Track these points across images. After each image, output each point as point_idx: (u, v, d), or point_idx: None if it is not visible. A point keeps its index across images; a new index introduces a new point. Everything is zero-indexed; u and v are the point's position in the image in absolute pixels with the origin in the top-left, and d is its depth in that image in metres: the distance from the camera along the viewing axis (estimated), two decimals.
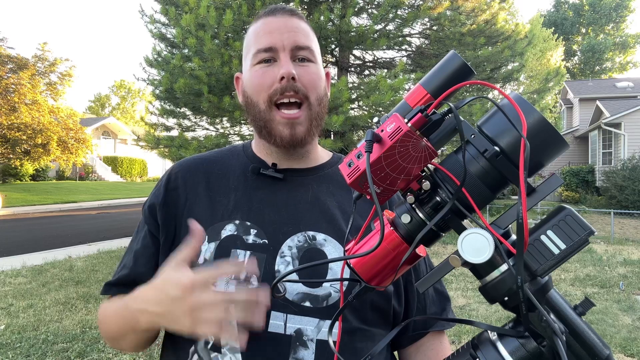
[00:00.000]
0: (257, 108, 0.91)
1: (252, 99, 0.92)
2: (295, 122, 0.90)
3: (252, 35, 0.93)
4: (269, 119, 0.90)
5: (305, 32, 0.93)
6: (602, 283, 6.65)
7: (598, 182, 18.78)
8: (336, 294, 0.85)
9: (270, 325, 0.81)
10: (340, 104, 7.62)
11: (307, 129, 0.91)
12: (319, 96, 0.93)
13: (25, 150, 20.82)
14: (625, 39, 43.01)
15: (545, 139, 0.56)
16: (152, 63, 9.76)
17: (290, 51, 0.89)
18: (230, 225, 0.89)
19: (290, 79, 0.87)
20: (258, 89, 0.90)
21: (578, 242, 0.55)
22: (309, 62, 0.92)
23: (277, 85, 0.88)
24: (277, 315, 0.82)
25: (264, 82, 0.89)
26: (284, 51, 0.89)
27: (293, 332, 0.81)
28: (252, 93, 0.92)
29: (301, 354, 0.80)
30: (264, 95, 0.89)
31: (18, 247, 8.94)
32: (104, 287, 0.96)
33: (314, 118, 0.92)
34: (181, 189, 0.96)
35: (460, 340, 4.32)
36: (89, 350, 4.03)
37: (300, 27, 0.93)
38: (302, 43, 0.91)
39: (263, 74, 0.90)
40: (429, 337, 0.98)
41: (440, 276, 0.61)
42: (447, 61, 0.63)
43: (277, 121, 0.90)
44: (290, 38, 0.90)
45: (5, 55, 19.48)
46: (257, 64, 0.91)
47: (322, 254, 0.87)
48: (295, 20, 0.93)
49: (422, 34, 10.53)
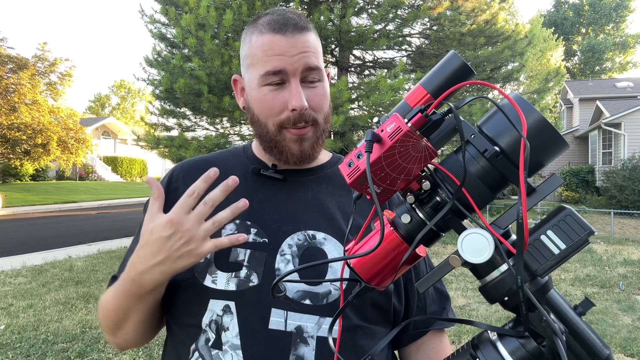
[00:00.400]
0: (266, 129, 0.91)
1: (260, 120, 0.92)
2: (304, 138, 0.91)
3: (259, 51, 0.89)
4: (279, 139, 0.91)
5: (314, 49, 0.91)
6: (602, 283, 6.65)
7: (598, 182, 18.79)
8: (336, 291, 0.85)
9: (270, 322, 0.82)
10: (340, 104, 7.62)
11: (314, 144, 0.93)
12: (325, 115, 0.94)
13: (25, 150, 20.82)
14: (625, 39, 43.02)
15: (545, 139, 0.56)
16: (152, 63, 9.76)
17: (300, 73, 0.88)
18: (231, 225, 0.90)
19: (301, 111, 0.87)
20: (267, 113, 0.90)
21: (578, 242, 0.55)
22: (317, 82, 0.91)
23: (289, 114, 0.88)
24: (278, 312, 0.83)
25: (273, 107, 0.89)
26: (294, 76, 0.87)
27: (294, 329, 0.82)
28: (260, 114, 0.91)
29: (302, 351, 0.81)
30: (273, 120, 0.90)
31: (18, 247, 8.94)
32: (110, 280, 0.96)
33: (319, 135, 0.93)
34: (182, 189, 0.95)
35: (460, 340, 4.32)
36: (89, 350, 4.03)
37: (310, 45, 0.90)
38: (313, 64, 0.89)
39: (273, 98, 0.88)
40: (429, 335, 0.99)
41: (441, 276, 0.61)
42: (447, 61, 0.63)
43: (287, 139, 0.91)
44: (301, 60, 0.87)
45: (5, 55, 19.48)
46: (265, 85, 0.89)
47: (322, 253, 0.88)
48: (304, 37, 0.90)
49: (422, 34, 10.53)
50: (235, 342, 0.82)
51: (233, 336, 0.82)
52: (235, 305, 0.84)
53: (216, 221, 0.77)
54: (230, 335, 0.82)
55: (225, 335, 0.83)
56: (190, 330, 0.86)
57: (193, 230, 0.75)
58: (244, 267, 0.86)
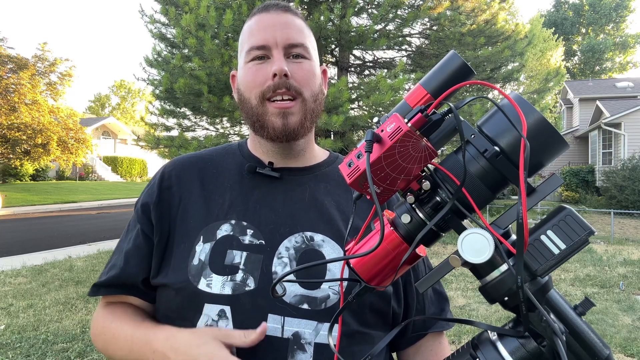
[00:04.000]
0: (250, 104, 0.90)
1: (245, 95, 0.91)
2: (288, 112, 0.88)
3: (246, 33, 0.93)
4: (262, 112, 0.89)
5: (299, 28, 0.92)
6: (602, 283, 6.65)
7: (598, 182, 18.78)
8: (335, 295, 0.83)
9: (267, 328, 0.80)
10: (340, 104, 7.62)
11: (301, 121, 0.90)
12: (314, 92, 0.92)
13: (25, 150, 20.81)
14: (625, 39, 43.01)
15: (545, 139, 0.56)
16: (152, 63, 9.75)
17: (283, 48, 0.89)
18: (226, 225, 0.87)
19: (282, 76, 0.86)
20: (251, 86, 0.90)
21: (578, 242, 0.55)
22: (303, 59, 0.91)
23: (270, 82, 0.87)
24: (275, 318, 0.80)
25: (256, 79, 0.89)
26: (277, 48, 0.88)
27: (291, 335, 0.80)
28: (245, 89, 0.91)
29: (299, 358, 0.79)
30: (256, 92, 0.89)
31: (18, 247, 8.94)
32: (92, 289, 0.94)
33: (308, 112, 0.91)
34: (175, 187, 0.94)
35: (460, 340, 4.31)
36: (89, 350, 4.03)
37: (294, 23, 0.92)
38: (296, 40, 0.90)
39: (256, 71, 0.89)
40: (428, 338, 0.97)
41: (441, 276, 0.61)
42: (447, 61, 0.62)
43: (270, 113, 0.89)
44: (284, 35, 0.89)
45: (5, 55, 19.47)
46: (250, 61, 0.90)
47: (320, 255, 0.86)
48: (289, 16, 0.92)
49: (422, 34, 10.52)
50: None
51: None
52: (231, 310, 0.81)
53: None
54: None
55: None
56: None
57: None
58: (240, 270, 0.83)
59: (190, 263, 0.85)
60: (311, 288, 0.83)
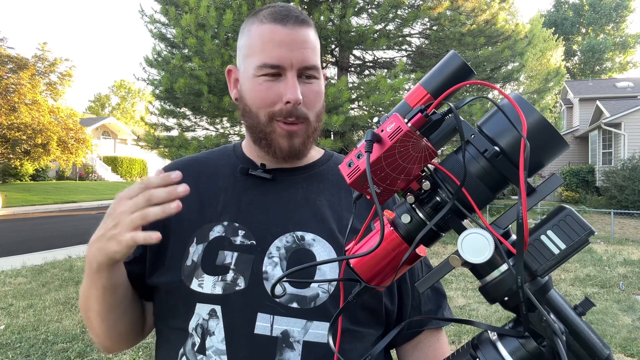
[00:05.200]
0: (257, 119, 0.90)
1: (252, 110, 0.91)
2: (294, 134, 0.89)
3: (257, 41, 0.89)
4: (269, 131, 0.90)
5: (313, 46, 0.90)
6: (602, 283, 6.65)
7: (598, 182, 18.78)
8: (324, 294, 0.84)
9: (256, 327, 0.81)
10: (340, 104, 7.62)
11: (304, 142, 0.91)
12: (318, 113, 0.93)
13: (25, 150, 20.81)
14: (625, 39, 43.01)
15: (546, 139, 0.56)
16: (152, 63, 9.76)
17: (297, 70, 0.87)
18: (219, 227, 0.89)
19: (295, 104, 0.86)
20: (260, 104, 0.89)
21: (578, 242, 0.55)
22: (314, 79, 0.91)
23: (282, 106, 0.87)
24: (264, 317, 0.82)
25: (266, 98, 0.88)
26: (291, 70, 0.87)
27: (279, 333, 0.81)
28: (252, 104, 0.90)
29: (287, 356, 0.80)
30: (265, 111, 0.88)
31: (18, 247, 8.94)
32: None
33: (311, 133, 0.92)
34: None
35: (460, 340, 4.31)
36: (89, 350, 4.03)
37: (309, 41, 0.90)
38: (310, 62, 0.88)
39: (267, 89, 0.87)
40: (426, 334, 0.97)
41: (440, 276, 0.61)
42: (447, 61, 0.62)
43: (277, 133, 0.89)
44: (300, 56, 0.87)
45: (5, 55, 19.48)
46: (261, 75, 0.88)
47: (310, 255, 0.87)
48: (305, 31, 0.89)
49: (422, 34, 10.52)
50: (220, 347, 0.81)
51: (218, 341, 0.81)
52: (221, 310, 0.83)
53: (144, 214, 0.73)
54: (216, 340, 0.82)
55: (210, 340, 0.82)
56: (179, 335, 0.85)
57: (122, 216, 0.73)
58: (230, 270, 0.85)
59: (184, 264, 0.87)
60: (300, 287, 0.84)
